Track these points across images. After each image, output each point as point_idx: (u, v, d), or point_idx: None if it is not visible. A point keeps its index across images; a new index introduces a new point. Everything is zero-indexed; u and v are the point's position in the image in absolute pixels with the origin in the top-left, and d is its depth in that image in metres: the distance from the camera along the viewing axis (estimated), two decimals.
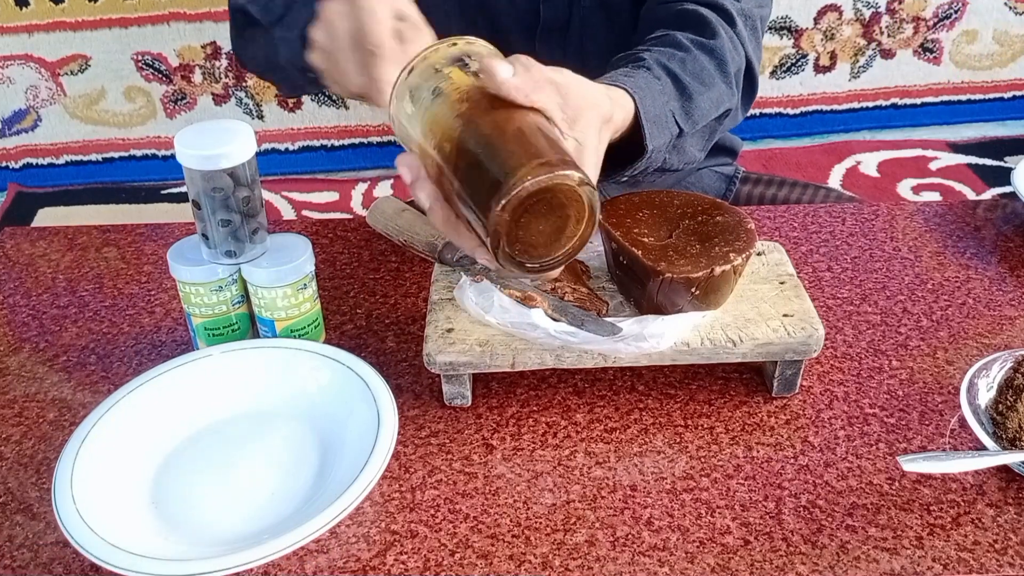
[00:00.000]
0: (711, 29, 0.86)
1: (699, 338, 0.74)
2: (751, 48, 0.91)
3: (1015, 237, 0.98)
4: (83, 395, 0.81)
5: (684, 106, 0.80)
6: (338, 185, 2.16)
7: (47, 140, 2.20)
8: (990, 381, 0.75)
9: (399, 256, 0.97)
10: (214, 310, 0.80)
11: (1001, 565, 0.64)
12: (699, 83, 0.82)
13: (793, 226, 1.00)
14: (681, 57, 0.82)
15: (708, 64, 0.84)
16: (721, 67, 0.85)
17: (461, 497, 0.70)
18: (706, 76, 0.83)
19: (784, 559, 0.65)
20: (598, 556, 0.65)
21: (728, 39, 0.87)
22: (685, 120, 0.80)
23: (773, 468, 0.72)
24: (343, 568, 0.65)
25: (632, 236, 0.76)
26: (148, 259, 0.99)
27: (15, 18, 2.05)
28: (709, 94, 0.83)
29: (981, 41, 2.25)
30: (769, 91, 2.26)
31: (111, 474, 0.70)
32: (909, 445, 0.73)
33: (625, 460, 0.73)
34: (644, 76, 0.77)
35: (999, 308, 0.88)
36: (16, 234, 1.05)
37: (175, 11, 2.05)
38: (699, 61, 0.84)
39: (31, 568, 0.66)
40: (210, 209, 0.76)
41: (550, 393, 0.79)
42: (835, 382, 0.79)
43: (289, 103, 2.17)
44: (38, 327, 0.90)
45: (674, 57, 0.82)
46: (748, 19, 0.91)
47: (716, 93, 0.84)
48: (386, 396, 0.73)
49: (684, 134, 0.80)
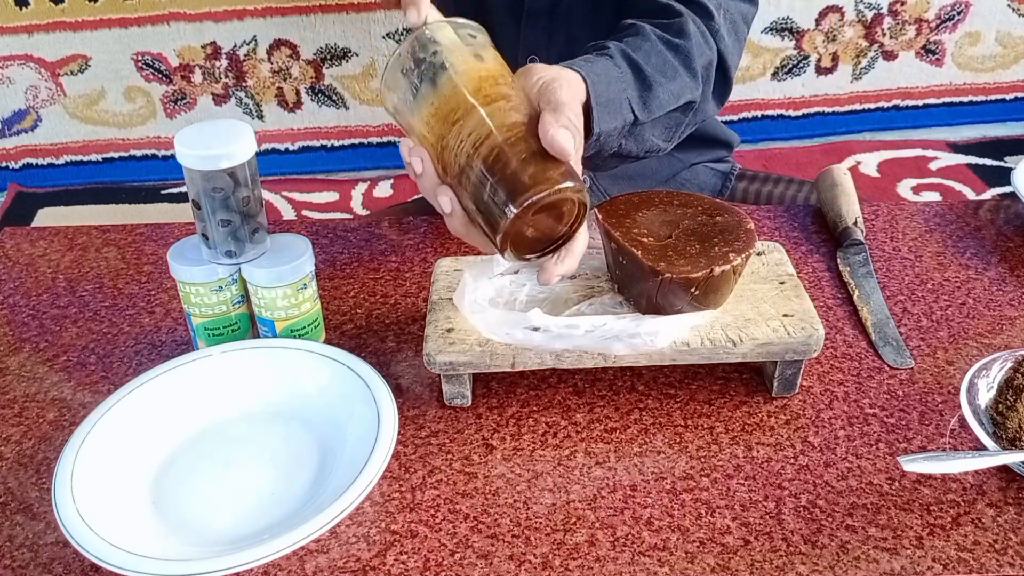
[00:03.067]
0: (679, 24, 0.87)
1: (699, 338, 0.74)
2: (728, 42, 0.91)
3: (1015, 237, 0.98)
4: (83, 395, 0.81)
5: (643, 95, 0.81)
6: (338, 185, 2.16)
7: (47, 140, 2.20)
8: (990, 381, 0.75)
9: (399, 256, 0.97)
10: (214, 310, 0.80)
11: (1001, 565, 0.64)
12: (660, 74, 0.83)
13: (793, 226, 1.00)
14: (646, 49, 0.83)
15: (671, 58, 0.85)
16: (686, 63, 0.86)
17: (461, 497, 0.70)
18: (668, 68, 0.84)
19: (784, 559, 0.65)
20: (598, 556, 0.65)
21: (699, 35, 0.88)
22: (642, 109, 0.81)
23: (773, 468, 0.72)
24: (343, 568, 0.65)
25: (631, 236, 0.76)
26: (148, 259, 0.99)
27: (15, 18, 2.05)
28: (670, 85, 0.84)
29: (984, 43, 2.25)
30: (771, 93, 2.25)
31: (111, 474, 0.70)
32: (909, 445, 0.73)
33: (625, 460, 0.73)
34: (604, 63, 0.79)
35: (999, 308, 0.88)
36: (16, 234, 1.05)
37: (175, 11, 2.05)
38: (663, 54, 0.85)
39: (31, 568, 0.66)
40: (210, 209, 0.76)
41: (550, 393, 0.79)
42: (835, 382, 0.79)
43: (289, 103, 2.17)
44: (38, 327, 0.90)
45: (639, 48, 0.83)
46: (727, 13, 0.92)
47: (678, 85, 0.85)
48: (386, 396, 0.73)
49: (640, 122, 0.81)
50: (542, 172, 0.62)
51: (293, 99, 2.17)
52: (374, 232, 1.01)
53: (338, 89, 2.16)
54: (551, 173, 0.62)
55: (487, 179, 0.62)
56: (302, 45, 2.11)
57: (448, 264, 0.84)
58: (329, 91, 2.16)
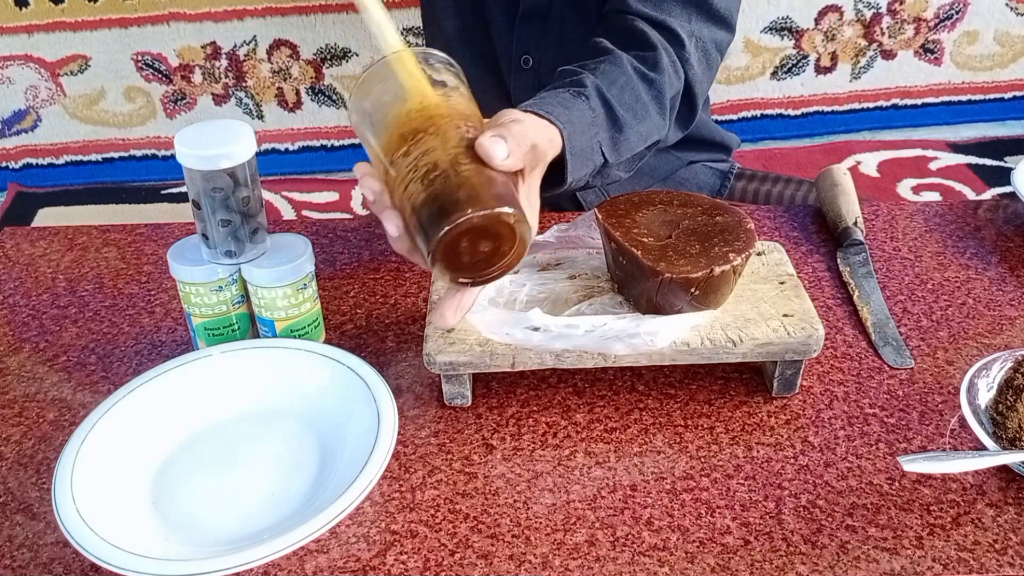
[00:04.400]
0: (654, 57, 0.87)
1: (699, 338, 0.74)
2: (697, 70, 0.91)
3: (1015, 237, 0.98)
4: (83, 395, 0.81)
5: (613, 137, 0.82)
6: (338, 185, 2.16)
7: (47, 140, 2.20)
8: (990, 381, 0.75)
9: (399, 256, 0.97)
10: (214, 310, 0.80)
11: (1001, 565, 0.64)
12: (632, 115, 0.83)
13: (793, 226, 1.00)
14: (621, 84, 0.83)
15: (645, 95, 0.85)
16: (658, 99, 0.87)
17: (461, 497, 0.70)
18: (639, 108, 0.85)
19: (784, 559, 0.65)
20: (598, 556, 0.65)
21: (670, 66, 0.88)
22: (611, 151, 0.82)
23: (773, 468, 0.72)
24: (343, 568, 0.65)
25: (631, 236, 0.76)
26: (148, 259, 0.99)
27: (15, 18, 2.05)
28: (639, 127, 0.84)
29: (982, 42, 2.25)
30: (770, 92, 2.25)
31: (111, 474, 0.70)
32: (909, 445, 0.73)
33: (625, 460, 0.73)
34: (580, 107, 0.78)
35: (999, 308, 0.88)
36: (16, 234, 1.05)
37: (175, 11, 2.05)
38: (636, 91, 0.85)
39: (31, 568, 0.66)
40: (210, 209, 0.76)
41: (550, 393, 0.79)
42: (835, 382, 0.79)
43: (289, 103, 2.17)
44: (38, 327, 0.90)
45: (614, 84, 0.83)
46: (699, 41, 0.92)
47: (647, 127, 0.86)
48: (386, 396, 0.73)
49: (609, 164, 0.82)
50: (478, 194, 0.60)
51: (293, 99, 2.17)
52: (374, 232, 1.01)
53: (338, 89, 2.16)
54: (485, 195, 0.60)
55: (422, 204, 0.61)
56: (302, 45, 2.11)
57: None
58: (329, 91, 2.16)
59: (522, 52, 1.04)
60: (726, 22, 0.94)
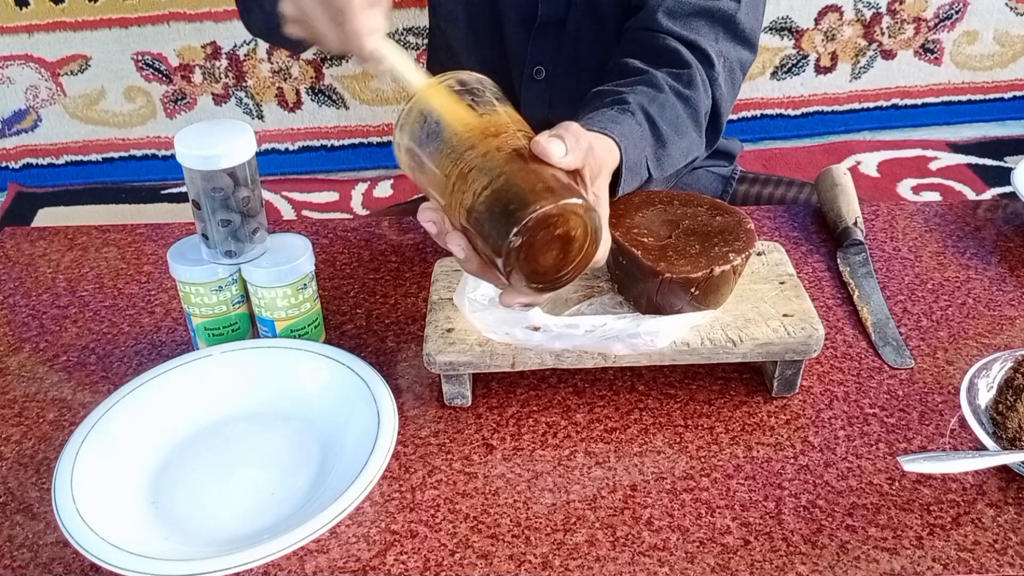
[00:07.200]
0: (688, 75, 0.87)
1: (699, 338, 0.74)
2: (724, 90, 0.92)
3: (1015, 237, 0.98)
4: (83, 395, 0.81)
5: (657, 152, 0.82)
6: (338, 185, 2.16)
7: (47, 140, 2.19)
8: (990, 381, 0.75)
9: (399, 256, 0.97)
10: (214, 310, 0.80)
11: (1001, 565, 0.64)
12: (674, 131, 0.84)
13: (793, 226, 1.00)
14: (661, 101, 0.84)
15: (683, 112, 0.86)
16: (694, 117, 0.87)
17: (461, 497, 0.70)
18: (680, 124, 0.85)
19: (784, 559, 0.65)
20: (598, 556, 0.65)
21: (701, 84, 0.88)
22: (656, 167, 0.82)
23: (773, 468, 0.72)
24: (343, 568, 0.65)
25: (632, 236, 0.76)
26: (148, 259, 0.99)
27: (15, 18, 2.05)
28: (681, 143, 0.85)
29: (982, 42, 2.25)
30: (770, 92, 2.25)
31: (111, 474, 0.70)
32: (909, 445, 0.73)
33: (625, 460, 0.73)
34: (628, 122, 0.79)
35: (999, 308, 0.88)
36: (16, 234, 1.05)
37: (175, 11, 2.05)
38: (676, 108, 0.85)
39: (31, 568, 0.66)
40: (210, 209, 0.76)
41: (550, 393, 0.79)
42: (835, 382, 0.79)
43: (289, 103, 2.17)
44: (38, 327, 0.90)
45: (654, 100, 0.83)
46: (726, 61, 0.92)
47: (687, 143, 0.86)
48: (386, 396, 0.73)
49: (652, 179, 0.82)
50: (545, 187, 0.60)
51: (293, 99, 2.17)
52: (374, 232, 1.01)
53: (338, 89, 2.16)
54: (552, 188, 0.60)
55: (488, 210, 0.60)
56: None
57: (448, 264, 0.84)
58: (329, 91, 2.16)
59: (535, 63, 1.03)
60: (750, 43, 0.95)
